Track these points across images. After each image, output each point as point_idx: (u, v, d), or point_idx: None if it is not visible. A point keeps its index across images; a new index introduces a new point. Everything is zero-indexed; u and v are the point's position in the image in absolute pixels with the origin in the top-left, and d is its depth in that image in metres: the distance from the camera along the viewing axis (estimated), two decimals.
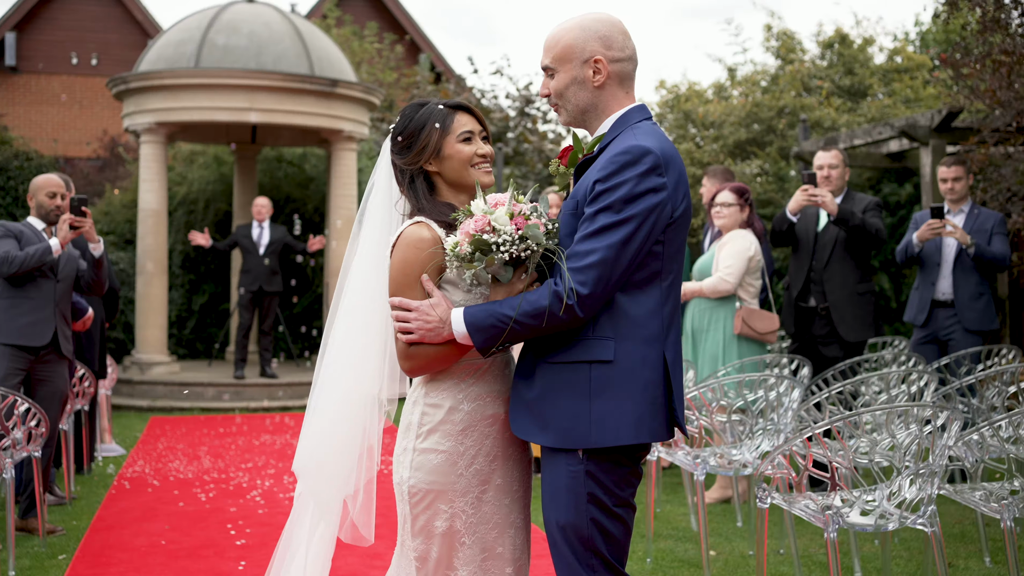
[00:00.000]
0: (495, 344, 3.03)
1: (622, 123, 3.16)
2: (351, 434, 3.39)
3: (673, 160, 3.06)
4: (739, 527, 6.71)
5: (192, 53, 13.02)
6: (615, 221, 2.96)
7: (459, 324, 3.05)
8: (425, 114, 3.29)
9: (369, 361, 3.37)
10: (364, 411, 3.39)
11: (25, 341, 6.44)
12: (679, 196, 3.07)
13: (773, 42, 16.01)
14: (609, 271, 2.95)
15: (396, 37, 22.82)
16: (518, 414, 3.11)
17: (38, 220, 6.73)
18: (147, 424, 11.36)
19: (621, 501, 3.06)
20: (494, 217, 3.02)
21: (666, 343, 3.07)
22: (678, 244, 3.10)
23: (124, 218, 15.81)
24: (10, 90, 23.93)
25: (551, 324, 2.97)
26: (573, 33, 3.16)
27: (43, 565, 6.02)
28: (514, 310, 2.98)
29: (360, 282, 3.39)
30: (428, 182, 3.31)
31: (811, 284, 7.60)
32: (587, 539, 3.03)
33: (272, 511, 7.31)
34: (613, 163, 3.00)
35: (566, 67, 3.17)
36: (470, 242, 3.01)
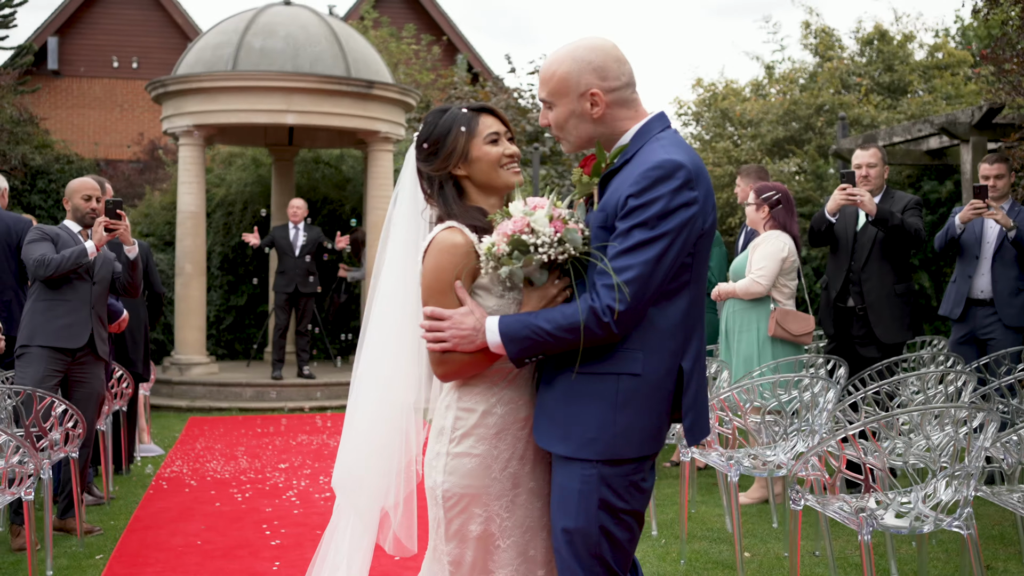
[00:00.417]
0: (529, 356, 3.03)
1: (644, 134, 3.12)
2: (390, 446, 3.39)
3: (702, 172, 3.04)
4: (775, 528, 6.66)
5: (230, 56, 13.11)
6: (650, 237, 2.94)
7: (493, 334, 3.03)
8: (449, 119, 3.27)
9: (404, 371, 3.37)
10: (402, 421, 3.39)
11: (62, 343, 6.51)
12: (708, 208, 3.05)
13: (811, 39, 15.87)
14: (645, 287, 2.93)
15: (433, 38, 22.88)
16: (541, 423, 3.10)
17: (74, 223, 6.80)
18: (185, 424, 11.45)
19: (631, 509, 3.04)
20: (534, 219, 3.01)
21: (686, 353, 3.06)
22: (706, 252, 3.10)
23: (163, 220, 15.96)
24: (52, 94, 24.21)
25: (586, 339, 2.96)
26: (566, 66, 3.12)
27: (80, 565, 6.07)
28: (550, 323, 2.97)
29: (389, 292, 3.39)
30: (457, 187, 3.29)
31: (849, 284, 7.51)
32: (594, 545, 3.00)
33: (307, 511, 7.34)
34: (646, 178, 2.96)
35: (563, 100, 3.15)
36: (508, 242, 3.00)
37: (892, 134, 11.38)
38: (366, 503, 3.40)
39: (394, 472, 3.39)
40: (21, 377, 6.46)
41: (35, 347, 6.47)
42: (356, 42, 13.88)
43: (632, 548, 3.08)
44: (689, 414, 3.08)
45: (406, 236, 3.38)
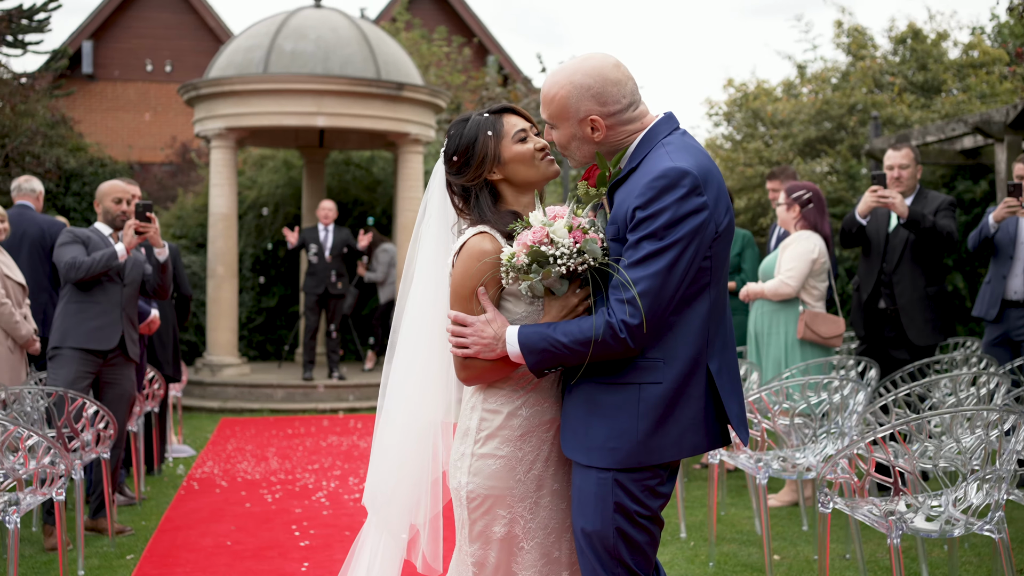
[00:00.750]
0: (547, 367, 3.03)
1: (650, 139, 3.10)
2: (419, 462, 3.41)
3: (710, 174, 3.01)
4: (804, 531, 6.61)
5: (261, 59, 13.18)
6: (659, 248, 2.92)
7: (513, 344, 3.04)
8: (473, 127, 3.25)
9: (433, 389, 3.39)
10: (431, 438, 3.41)
11: (93, 344, 6.56)
12: (721, 210, 3.03)
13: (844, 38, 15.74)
14: (658, 299, 2.92)
15: (464, 40, 22.90)
16: (566, 433, 3.10)
17: (105, 226, 6.85)
18: (217, 425, 11.52)
19: (648, 512, 3.03)
20: (553, 229, 3.00)
21: (711, 354, 3.04)
22: (724, 254, 3.08)
23: (196, 222, 16.06)
24: (87, 97, 24.42)
25: (603, 354, 2.96)
26: (565, 91, 3.10)
27: (111, 565, 6.12)
28: (567, 336, 2.97)
29: (418, 308, 3.40)
30: (492, 193, 3.27)
31: (881, 286, 7.45)
32: (612, 548, 3.01)
33: (336, 512, 7.36)
34: (651, 188, 2.94)
35: (564, 124, 3.14)
36: (527, 253, 2.99)
37: (925, 133, 11.27)
38: (396, 520, 3.42)
39: (423, 488, 3.41)
40: (53, 378, 6.52)
41: (67, 349, 6.53)
42: (386, 44, 13.91)
43: (652, 549, 3.07)
44: (733, 411, 3.08)
45: (435, 254, 3.37)
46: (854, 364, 7.05)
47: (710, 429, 3.06)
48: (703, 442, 3.06)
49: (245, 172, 16.70)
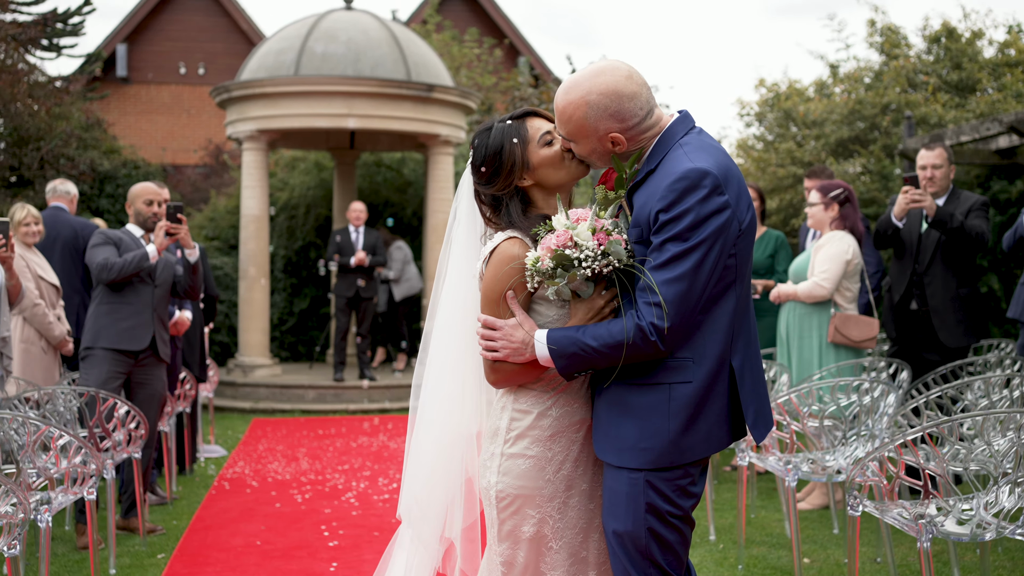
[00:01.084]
0: (576, 371, 3.04)
1: (667, 140, 3.09)
2: (452, 475, 3.42)
3: (731, 173, 3.00)
4: (835, 534, 6.56)
5: (292, 61, 13.24)
6: (685, 249, 2.92)
7: (542, 348, 3.04)
8: (498, 135, 3.22)
9: (465, 398, 3.40)
10: (463, 449, 3.42)
11: (125, 345, 6.62)
12: (743, 208, 3.02)
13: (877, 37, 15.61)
14: (686, 300, 2.92)
15: (495, 41, 22.91)
16: (598, 435, 3.10)
17: (137, 227, 6.90)
18: (249, 426, 11.58)
19: (680, 512, 3.04)
20: (576, 232, 3.00)
21: (734, 351, 3.05)
22: (748, 251, 3.07)
23: (228, 224, 16.16)
24: (122, 100, 24.64)
25: (634, 356, 2.97)
26: (581, 111, 3.06)
27: (143, 564, 6.16)
28: (597, 340, 2.97)
29: (450, 314, 3.40)
30: (523, 200, 3.25)
31: (913, 288, 7.38)
32: (644, 548, 3.01)
33: (366, 513, 7.38)
34: (673, 191, 2.93)
35: (583, 140, 3.12)
36: (552, 257, 2.99)
37: (960, 133, 11.15)
38: (430, 531, 3.43)
39: (457, 499, 3.42)
40: (85, 379, 6.58)
41: (99, 349, 6.59)
42: (416, 46, 13.94)
43: (684, 549, 3.07)
44: (750, 408, 3.08)
45: (465, 260, 3.37)
46: (885, 366, 6.98)
47: (731, 424, 3.08)
48: (726, 437, 3.08)
49: (277, 174, 16.80)
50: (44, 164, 14.71)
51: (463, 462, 3.43)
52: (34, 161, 14.52)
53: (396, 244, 14.41)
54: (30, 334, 7.16)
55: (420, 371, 3.50)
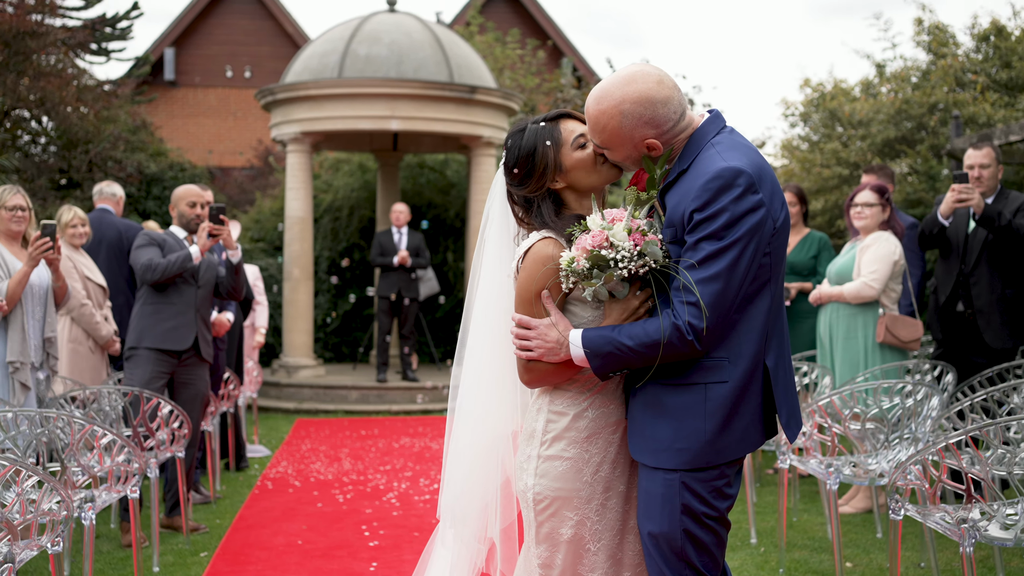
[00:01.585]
0: (612, 370, 3.03)
1: (698, 140, 3.07)
2: (491, 475, 3.43)
3: (764, 171, 2.98)
4: (878, 539, 6.49)
5: (335, 64, 13.32)
6: (720, 248, 2.91)
7: (577, 348, 3.04)
8: (531, 137, 3.22)
9: (502, 399, 3.40)
10: (501, 449, 3.43)
11: (168, 345, 6.69)
12: (777, 206, 3.01)
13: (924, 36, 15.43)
14: (722, 300, 2.91)
15: (538, 42, 22.90)
16: (634, 436, 3.10)
17: (180, 229, 6.98)
18: (292, 426, 11.66)
19: (715, 513, 3.02)
20: (612, 233, 2.99)
21: (768, 351, 3.04)
22: (782, 250, 3.06)
23: (273, 225, 16.29)
24: (169, 104, 24.93)
25: (670, 356, 2.96)
26: (615, 121, 3.05)
27: (185, 562, 6.22)
28: (632, 340, 2.97)
29: (483, 319, 3.42)
30: (555, 202, 3.25)
31: (959, 288, 7.27)
32: (679, 550, 3.00)
33: (406, 513, 7.40)
34: (707, 190, 2.92)
35: (618, 148, 3.11)
36: (587, 257, 2.99)
37: (1009, 132, 11.00)
38: (470, 531, 3.44)
39: (495, 499, 3.43)
40: (129, 378, 6.66)
41: (143, 349, 6.67)
42: (459, 47, 13.98)
43: (720, 551, 3.06)
44: (783, 409, 3.08)
45: (498, 261, 3.38)
46: (930, 368, 6.90)
47: (765, 424, 3.07)
48: (760, 437, 3.07)
49: (321, 176, 16.91)
50: (92, 167, 14.92)
51: (501, 462, 3.43)
52: (83, 164, 14.73)
53: None
54: (78, 334, 7.26)
55: (457, 372, 3.51)
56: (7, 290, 6.05)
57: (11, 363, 6.06)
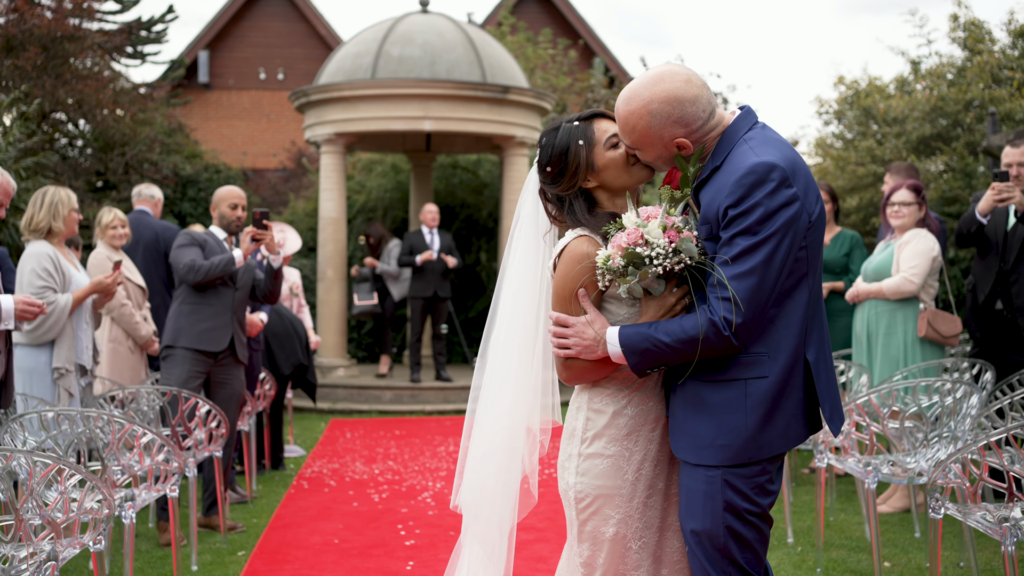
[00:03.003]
0: (649, 367, 3.03)
1: (730, 137, 3.07)
2: (511, 466, 3.43)
3: (797, 166, 2.98)
4: (917, 538, 6.44)
5: (368, 65, 13.37)
6: (755, 243, 2.91)
7: (614, 345, 3.04)
8: (565, 136, 3.24)
9: (517, 397, 3.41)
10: (520, 443, 3.43)
11: (204, 346, 6.74)
12: (812, 200, 3.00)
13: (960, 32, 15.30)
14: (758, 294, 2.91)
15: (570, 42, 22.89)
16: (675, 433, 3.09)
17: (220, 230, 7.03)
18: (327, 426, 11.72)
19: (758, 510, 3.02)
20: (647, 230, 2.99)
21: (808, 345, 3.02)
22: (819, 243, 3.05)
23: (307, 226, 16.37)
24: (203, 106, 25.10)
25: (707, 352, 2.96)
26: (644, 121, 3.05)
27: (223, 561, 6.27)
28: (669, 336, 2.97)
29: (509, 314, 3.43)
30: (588, 200, 3.27)
31: (998, 286, 7.20)
32: (722, 547, 2.99)
33: (441, 512, 7.42)
34: (741, 185, 2.92)
35: (648, 148, 3.11)
36: (623, 255, 2.99)
37: None
38: (485, 523, 3.45)
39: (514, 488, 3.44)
40: (167, 378, 6.71)
41: (179, 348, 6.72)
42: (491, 48, 13.99)
43: (763, 547, 3.05)
44: (826, 403, 3.07)
45: (528, 258, 3.40)
46: (968, 367, 6.84)
47: (808, 418, 3.06)
48: (803, 432, 3.06)
49: (354, 177, 16.97)
50: (128, 169, 15.06)
51: (520, 456, 3.43)
52: (119, 166, 14.87)
53: (394, 242, 13.94)
54: (118, 334, 7.33)
55: (481, 365, 3.52)
56: (71, 303, 6.16)
57: (57, 369, 6.14)
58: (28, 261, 6.18)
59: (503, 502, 3.44)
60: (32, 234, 6.30)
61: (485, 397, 3.47)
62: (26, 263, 6.19)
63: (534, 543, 6.51)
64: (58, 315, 6.10)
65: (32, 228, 6.29)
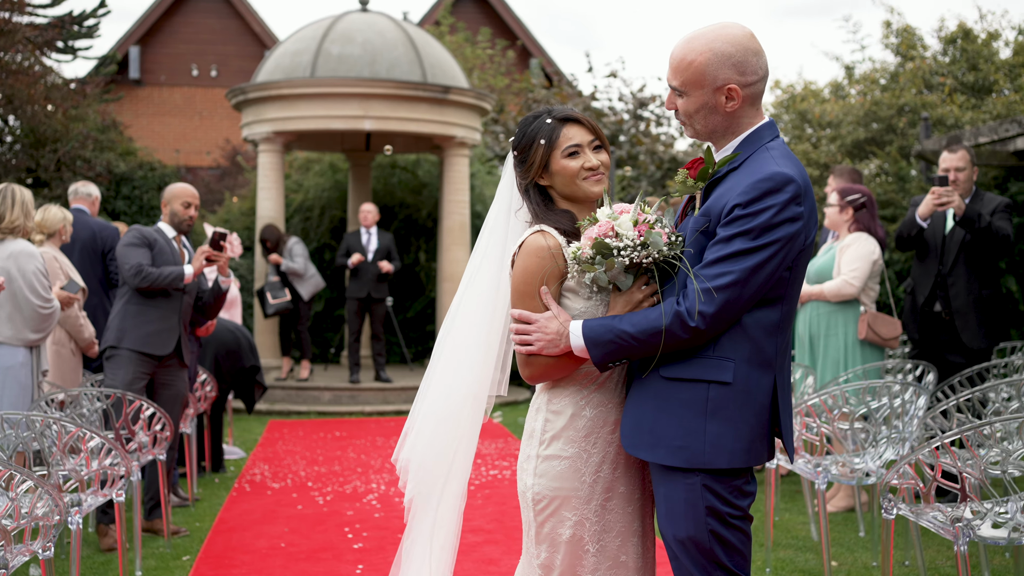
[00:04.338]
0: (612, 360, 3.02)
1: (753, 142, 3.07)
2: (457, 431, 3.42)
3: (809, 188, 3.01)
4: (861, 537, 6.53)
5: (308, 63, 13.24)
6: (751, 247, 2.91)
7: (577, 338, 3.03)
8: (534, 129, 3.26)
9: (484, 364, 3.38)
10: (470, 411, 3.41)
11: (151, 349, 6.63)
12: (811, 224, 3.02)
13: (893, 39, 15.61)
14: (738, 295, 2.91)
15: (507, 43, 22.91)
16: (628, 429, 3.08)
17: (169, 227, 6.88)
18: (265, 427, 11.58)
19: (739, 512, 3.02)
20: (618, 223, 3.01)
21: (778, 367, 3.03)
22: (802, 269, 3.06)
23: (243, 225, 16.17)
24: (134, 102, 24.70)
25: (671, 343, 2.95)
26: (704, 57, 3.03)
27: (168, 566, 6.16)
28: (634, 327, 2.96)
29: (478, 289, 3.41)
30: (543, 194, 3.29)
31: (937, 289, 7.34)
32: (708, 551, 2.99)
33: (388, 515, 7.37)
34: (756, 189, 2.93)
35: (696, 92, 3.06)
36: (592, 245, 3.00)
37: (977, 134, 11.12)
38: (428, 481, 3.43)
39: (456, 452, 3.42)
40: (111, 379, 6.58)
41: (124, 350, 6.59)
42: (432, 48, 13.94)
43: (747, 548, 3.05)
44: (786, 428, 3.08)
45: (499, 233, 3.40)
46: (911, 368, 6.96)
47: (770, 441, 3.07)
48: (765, 453, 3.06)
49: (291, 176, 16.80)
50: (61, 166, 14.76)
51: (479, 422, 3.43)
52: (51, 163, 14.57)
53: (293, 240, 13.40)
54: (61, 336, 7.17)
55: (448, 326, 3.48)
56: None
57: (44, 372, 6.11)
58: (31, 261, 6.09)
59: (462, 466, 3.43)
60: (9, 234, 6.18)
61: (451, 354, 3.44)
62: (27, 264, 6.09)
63: (483, 545, 6.49)
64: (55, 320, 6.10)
65: (8, 228, 6.17)
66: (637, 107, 18.79)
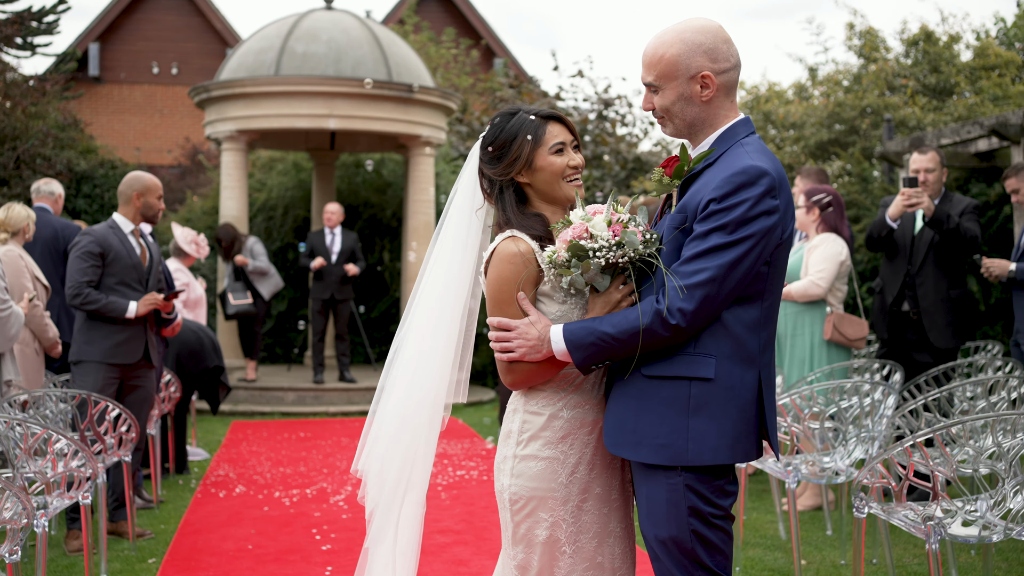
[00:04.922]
0: (595, 362, 3.01)
1: (728, 138, 3.08)
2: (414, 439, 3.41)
3: (784, 182, 3.01)
4: (829, 536, 6.57)
5: (272, 61, 13.15)
6: (727, 242, 2.90)
7: (558, 342, 3.02)
8: (516, 125, 3.23)
9: (441, 367, 3.37)
10: (428, 415, 3.40)
11: (119, 359, 6.56)
12: (788, 218, 3.02)
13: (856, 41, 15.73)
14: (716, 291, 2.90)
15: (472, 42, 22.87)
16: (611, 428, 3.06)
17: (127, 220, 6.70)
18: (229, 428, 11.48)
19: (721, 512, 3.02)
20: (592, 224, 3.00)
21: (762, 363, 3.02)
22: (782, 265, 3.06)
23: (205, 224, 16.02)
24: (94, 100, 24.42)
25: (652, 342, 2.94)
26: (675, 48, 3.05)
27: (134, 568, 6.08)
28: (615, 328, 2.95)
29: (435, 287, 3.39)
30: (518, 193, 3.27)
31: (905, 289, 7.40)
32: (690, 551, 2.98)
33: (355, 516, 7.32)
34: (730, 183, 2.93)
35: (671, 84, 3.08)
36: (567, 248, 2.98)
37: (940, 136, 11.23)
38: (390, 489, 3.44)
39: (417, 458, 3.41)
40: (80, 385, 6.48)
41: (92, 362, 6.51)
42: (397, 46, 13.88)
43: (729, 548, 3.05)
44: (771, 422, 3.07)
45: (458, 231, 3.38)
46: (879, 367, 7.01)
47: (758, 437, 3.05)
48: (753, 450, 3.04)
49: (255, 175, 16.67)
50: (20, 164, 14.54)
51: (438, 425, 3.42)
52: (10, 161, 14.36)
53: (254, 239, 13.26)
54: (26, 336, 7.05)
55: (405, 325, 3.47)
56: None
57: (8, 382, 6.02)
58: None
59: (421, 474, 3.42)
60: None
61: (401, 367, 3.43)
62: None
63: (452, 546, 6.46)
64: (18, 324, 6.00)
65: None
66: (602, 107, 18.82)
